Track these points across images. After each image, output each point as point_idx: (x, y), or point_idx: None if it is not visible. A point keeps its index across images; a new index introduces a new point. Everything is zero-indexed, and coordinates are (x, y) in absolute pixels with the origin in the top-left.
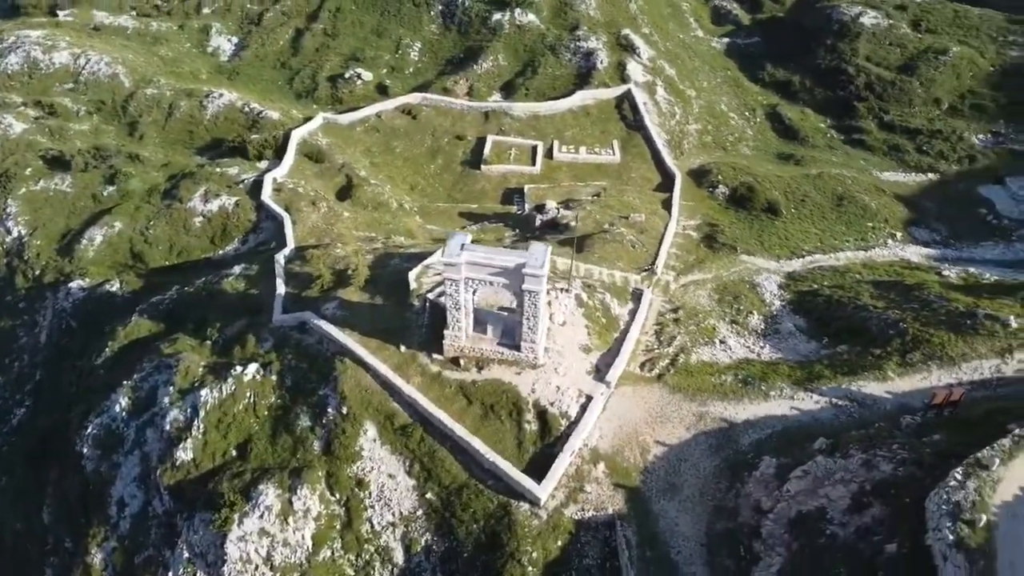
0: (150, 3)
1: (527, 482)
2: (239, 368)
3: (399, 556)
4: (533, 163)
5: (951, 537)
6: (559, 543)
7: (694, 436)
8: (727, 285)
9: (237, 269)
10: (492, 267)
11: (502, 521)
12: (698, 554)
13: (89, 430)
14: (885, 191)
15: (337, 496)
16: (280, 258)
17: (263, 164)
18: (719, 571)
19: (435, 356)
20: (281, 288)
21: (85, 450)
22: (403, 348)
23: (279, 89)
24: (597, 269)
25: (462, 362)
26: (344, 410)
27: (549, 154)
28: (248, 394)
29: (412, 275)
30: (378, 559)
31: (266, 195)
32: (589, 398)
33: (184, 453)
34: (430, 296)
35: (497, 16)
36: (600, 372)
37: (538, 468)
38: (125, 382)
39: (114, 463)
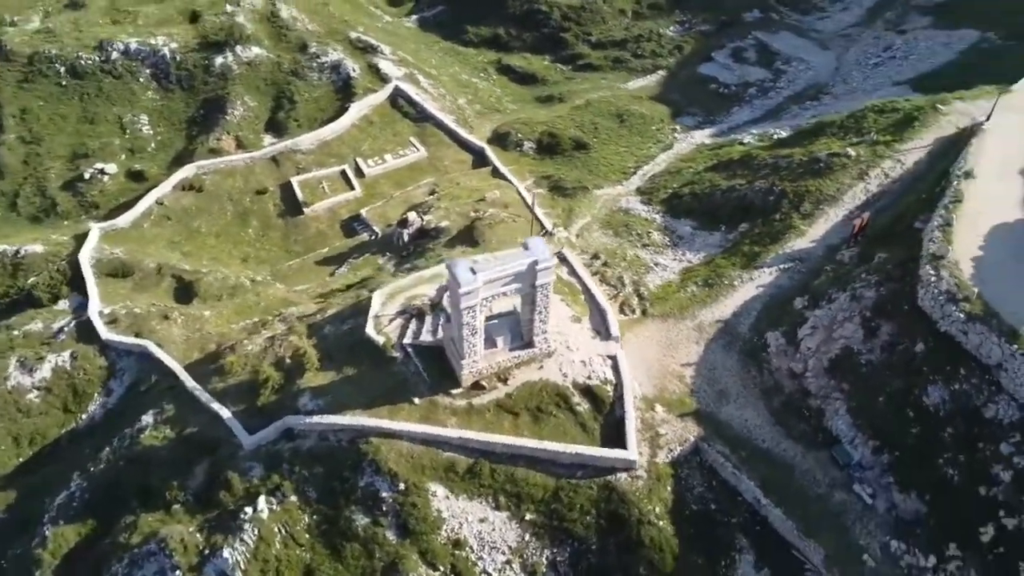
0: None
1: (615, 454)
2: (248, 510)
3: None
4: (351, 187)
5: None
6: (668, 488)
7: (706, 346)
8: (608, 220)
9: (147, 419)
10: (506, 276)
11: (611, 499)
12: (777, 434)
13: None
14: (641, 96)
15: (442, 569)
16: (191, 384)
17: (65, 304)
18: (801, 437)
19: (453, 392)
20: (224, 412)
21: None
22: (416, 400)
23: (7, 220)
24: (509, 253)
25: (484, 383)
26: (401, 485)
27: (360, 173)
28: (277, 529)
29: (370, 332)
30: None
31: (105, 332)
32: (612, 357)
33: None
34: (406, 342)
35: (219, 60)
36: (601, 332)
37: (613, 437)
38: None
39: None
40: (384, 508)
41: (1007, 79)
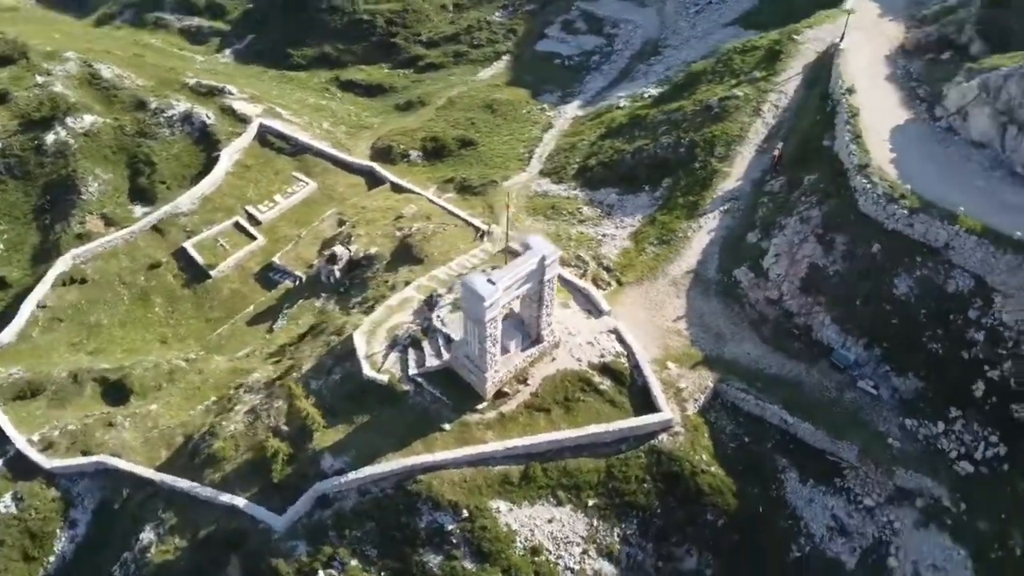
0: None
1: (651, 418)
2: None
3: (609, 569)
4: (251, 237)
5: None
6: (706, 435)
7: (685, 295)
8: (532, 207)
9: (148, 536)
10: (520, 279)
11: (661, 460)
12: (778, 358)
13: None
14: (498, 84)
15: None
16: (184, 485)
17: None
18: (799, 355)
19: (479, 407)
20: (239, 500)
21: None
22: (447, 426)
23: None
24: (461, 261)
25: (507, 390)
26: (464, 513)
27: (255, 221)
28: None
29: (370, 373)
30: None
31: (46, 461)
32: (614, 330)
33: None
34: (412, 373)
35: (51, 137)
36: (592, 311)
37: (642, 404)
38: None
39: None
40: (454, 540)
41: (820, 5)
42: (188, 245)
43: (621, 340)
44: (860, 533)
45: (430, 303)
